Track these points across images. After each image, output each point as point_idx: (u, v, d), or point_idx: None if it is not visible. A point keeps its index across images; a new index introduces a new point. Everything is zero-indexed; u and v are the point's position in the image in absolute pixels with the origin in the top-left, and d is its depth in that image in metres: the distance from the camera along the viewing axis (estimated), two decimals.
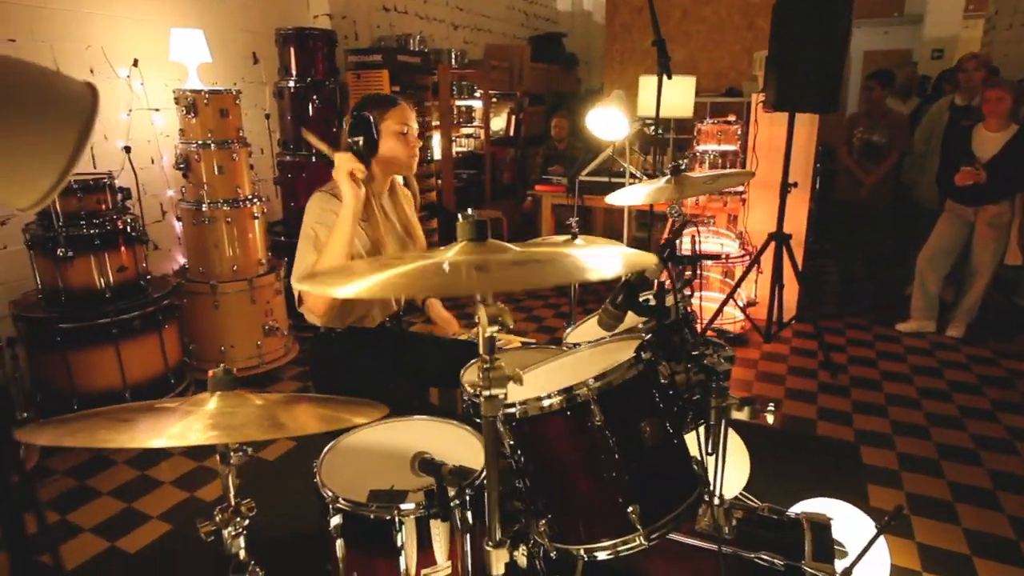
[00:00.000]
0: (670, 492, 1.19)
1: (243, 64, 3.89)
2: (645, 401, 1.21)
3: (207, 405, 1.04)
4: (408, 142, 1.84)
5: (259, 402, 1.10)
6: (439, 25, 5.87)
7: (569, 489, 1.18)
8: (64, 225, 2.61)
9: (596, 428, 1.14)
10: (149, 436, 0.89)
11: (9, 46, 2.76)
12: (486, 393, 0.94)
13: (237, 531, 1.08)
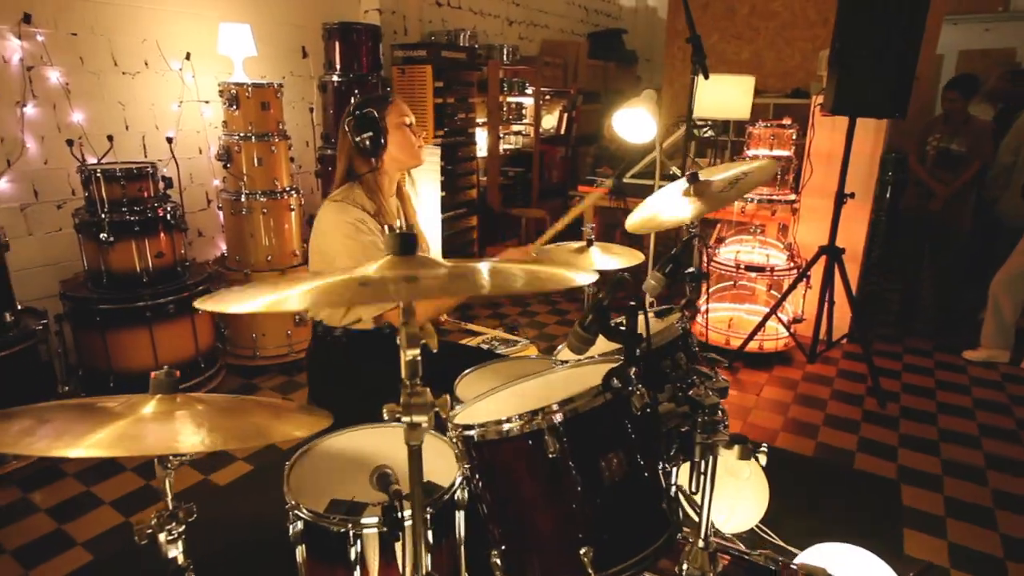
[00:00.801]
0: (632, 535, 1.10)
1: (292, 58, 3.97)
2: (613, 432, 1.13)
3: (144, 409, 1.02)
4: (413, 132, 1.82)
5: (198, 407, 1.08)
6: (493, 20, 5.82)
7: (524, 521, 1.11)
8: (108, 211, 2.74)
9: (556, 458, 1.06)
10: (61, 444, 0.88)
11: (71, 39, 2.90)
12: (406, 420, 0.89)
13: (173, 536, 1.07)
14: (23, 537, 2.18)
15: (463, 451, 1.14)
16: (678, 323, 1.45)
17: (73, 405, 1.02)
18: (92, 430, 0.95)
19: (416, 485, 0.93)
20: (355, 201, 1.78)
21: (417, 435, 0.90)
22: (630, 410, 1.14)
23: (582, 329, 1.12)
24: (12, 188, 2.81)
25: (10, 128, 2.77)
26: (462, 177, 4.69)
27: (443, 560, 1.38)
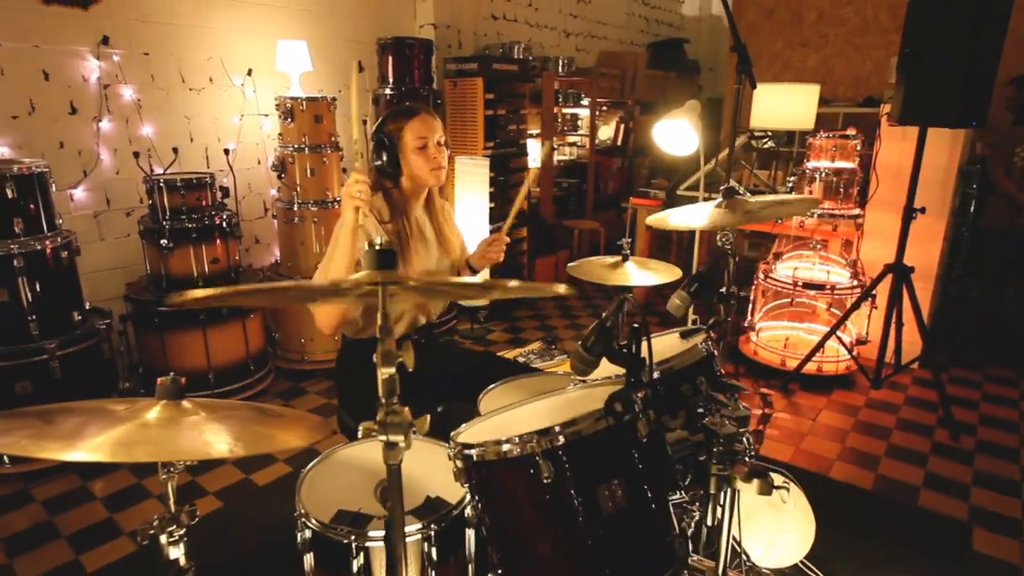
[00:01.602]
0: (632, 569, 1.03)
1: (348, 72, 4.08)
2: (616, 459, 1.07)
3: (148, 414, 1.05)
4: (428, 155, 1.79)
5: (201, 414, 1.10)
6: (549, 33, 5.83)
7: (521, 546, 1.07)
8: (169, 218, 2.89)
9: (553, 483, 1.02)
10: (64, 447, 0.91)
11: (143, 58, 3.10)
12: (382, 439, 0.87)
13: (173, 538, 1.09)
14: (77, 524, 2.31)
15: (461, 470, 1.10)
16: (702, 345, 1.37)
17: (79, 407, 1.05)
18: (94, 433, 0.98)
19: (396, 503, 0.91)
20: (374, 205, 1.80)
21: (395, 454, 0.88)
22: (635, 436, 1.08)
23: (584, 350, 1.07)
24: (87, 196, 3.01)
25: (87, 141, 2.98)
26: (513, 188, 4.68)
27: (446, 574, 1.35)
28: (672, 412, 1.16)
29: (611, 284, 2.03)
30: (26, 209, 2.45)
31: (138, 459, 0.97)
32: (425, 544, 1.29)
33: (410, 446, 0.88)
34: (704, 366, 1.34)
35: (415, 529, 1.28)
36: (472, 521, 1.28)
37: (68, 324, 2.61)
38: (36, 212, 2.49)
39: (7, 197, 2.39)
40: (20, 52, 2.72)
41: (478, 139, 4.24)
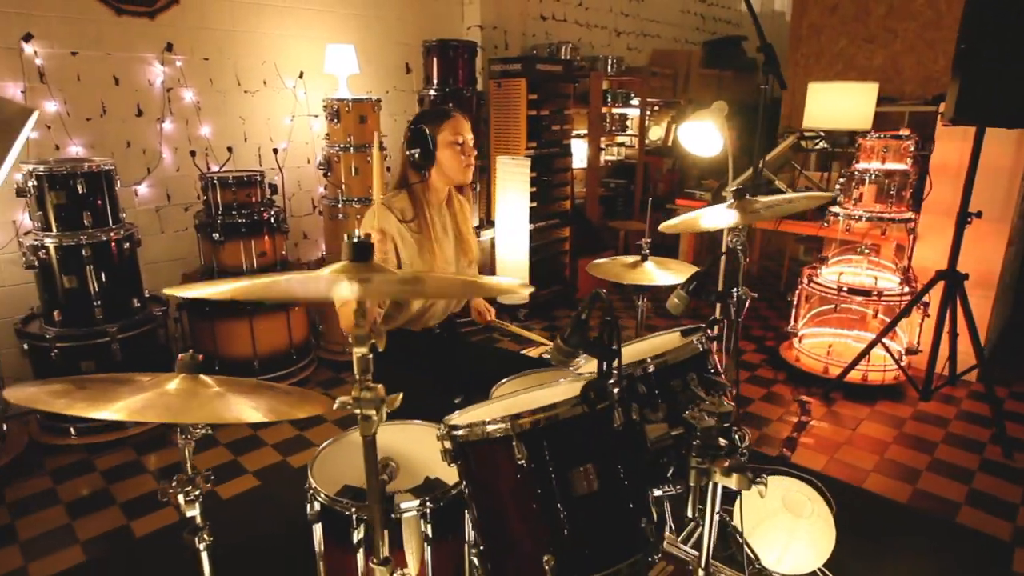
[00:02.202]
0: (599, 550, 1.06)
1: (396, 74, 4.23)
2: (590, 444, 1.09)
3: (168, 385, 1.15)
4: (463, 152, 1.87)
5: (216, 388, 1.19)
6: (600, 32, 5.82)
7: (499, 523, 1.12)
8: (221, 214, 3.08)
9: (528, 463, 1.06)
10: (89, 407, 1.02)
11: (203, 63, 3.32)
12: (357, 412, 0.93)
13: (191, 497, 1.20)
14: (129, 493, 2.51)
15: (448, 450, 1.16)
16: (697, 342, 1.37)
17: (111, 377, 1.17)
18: (121, 397, 1.10)
19: (371, 475, 0.97)
20: (396, 206, 1.88)
21: (368, 427, 0.94)
22: (610, 424, 1.10)
23: (563, 342, 1.10)
24: (150, 192, 3.25)
25: (151, 141, 3.21)
26: (556, 188, 4.71)
27: (446, 556, 1.41)
28: (654, 405, 1.17)
29: (627, 283, 2.04)
30: (94, 204, 2.68)
31: (151, 419, 1.07)
32: (422, 521, 1.36)
33: (383, 420, 0.95)
34: (697, 363, 1.35)
35: (412, 506, 1.35)
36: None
37: (128, 310, 2.83)
38: (103, 206, 2.72)
39: (78, 193, 2.62)
40: (94, 60, 2.97)
41: (520, 139, 4.29)
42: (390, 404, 0.95)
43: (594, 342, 1.07)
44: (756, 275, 5.61)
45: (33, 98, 2.82)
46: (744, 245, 1.70)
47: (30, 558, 2.15)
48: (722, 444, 1.17)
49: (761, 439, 2.89)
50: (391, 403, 0.95)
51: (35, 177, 2.56)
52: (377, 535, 1.00)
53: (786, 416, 3.11)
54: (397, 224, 1.89)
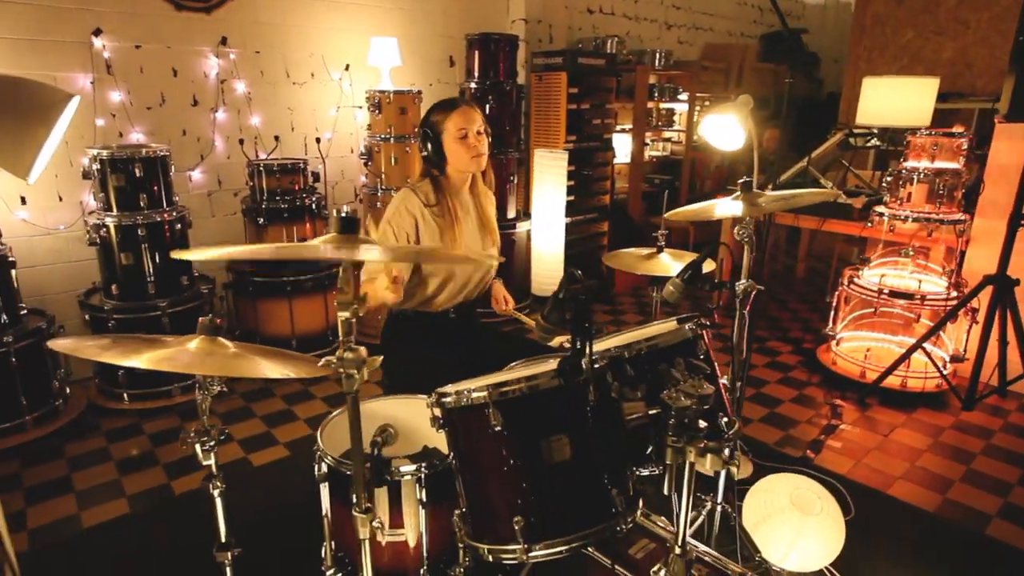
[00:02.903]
0: (569, 516, 1.10)
1: (440, 67, 4.33)
2: (566, 416, 1.14)
3: (190, 344, 1.27)
4: (468, 144, 1.92)
5: (232, 349, 1.30)
6: (649, 25, 5.75)
7: (478, 486, 1.18)
8: (265, 199, 3.25)
9: (503, 430, 1.11)
10: (119, 356, 1.14)
11: (255, 56, 3.50)
12: (341, 371, 1.00)
13: (206, 447, 1.31)
14: (173, 456, 2.71)
15: (436, 417, 1.22)
16: (689, 329, 1.39)
17: (141, 337, 1.30)
18: (148, 351, 1.22)
19: (355, 430, 1.05)
20: (421, 190, 1.96)
21: (350, 384, 1.01)
22: (585, 398, 1.14)
23: (543, 319, 1.14)
24: (203, 178, 3.46)
25: (205, 130, 3.42)
26: (595, 182, 4.72)
27: (440, 520, 1.48)
28: (633, 384, 1.20)
29: (641, 274, 2.05)
30: (150, 187, 2.88)
31: (169, 369, 1.18)
32: (417, 485, 1.43)
33: (364, 378, 1.02)
34: (687, 348, 1.36)
35: (409, 470, 1.43)
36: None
37: (178, 287, 3.04)
38: (158, 190, 2.92)
39: (136, 176, 2.82)
40: (156, 52, 3.18)
41: (560, 133, 4.32)
42: (371, 365, 1.01)
43: (567, 320, 1.11)
44: (802, 276, 5.44)
45: (101, 88, 3.06)
46: (751, 238, 1.69)
47: (83, 507, 2.36)
48: (701, 426, 1.19)
49: (785, 439, 2.84)
50: (371, 364, 1.01)
51: (98, 161, 2.78)
52: (358, 487, 1.07)
53: (815, 419, 3.03)
54: (420, 206, 1.96)
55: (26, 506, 2.36)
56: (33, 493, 2.43)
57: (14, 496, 2.41)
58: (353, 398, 1.03)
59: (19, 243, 2.91)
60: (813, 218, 3.88)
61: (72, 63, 2.97)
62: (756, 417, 3.04)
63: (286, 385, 3.29)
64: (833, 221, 3.81)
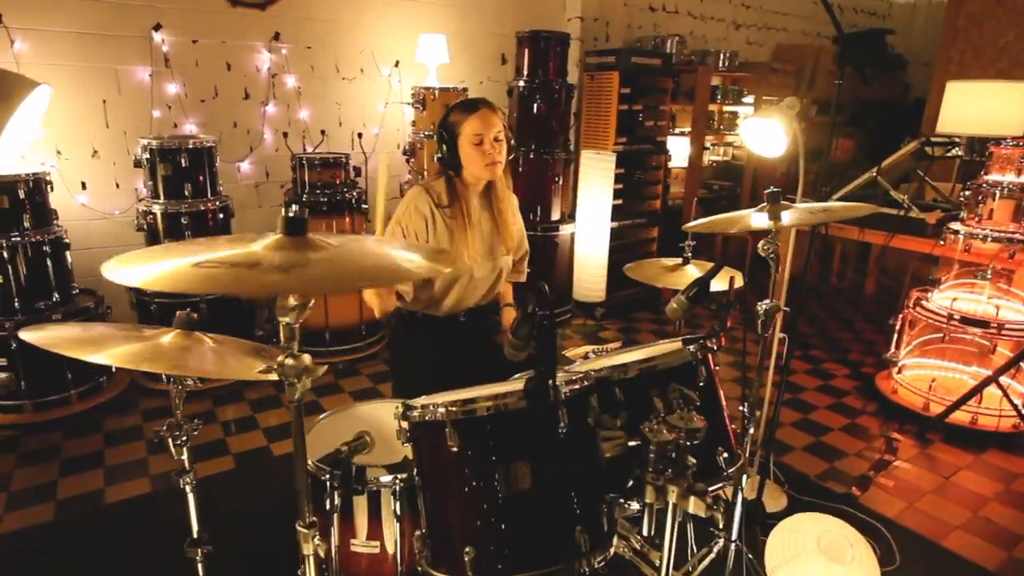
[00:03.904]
0: (524, 552, 1.01)
1: (491, 64, 4.28)
2: (530, 443, 1.04)
3: (163, 339, 1.26)
4: (482, 151, 1.83)
5: (210, 344, 1.28)
6: (715, 25, 5.50)
7: (436, 506, 1.10)
8: (307, 192, 3.30)
9: (460, 452, 1.03)
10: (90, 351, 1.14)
11: (306, 51, 3.56)
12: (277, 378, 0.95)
13: (178, 442, 1.30)
14: (199, 439, 2.75)
15: (402, 430, 1.16)
16: (691, 351, 1.26)
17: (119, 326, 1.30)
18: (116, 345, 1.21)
19: (298, 436, 0.99)
20: (434, 190, 1.90)
21: (291, 392, 0.96)
22: (556, 425, 1.04)
23: (512, 335, 1.06)
24: (251, 169, 3.56)
25: (255, 123, 3.51)
26: (646, 186, 4.54)
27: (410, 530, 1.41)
28: (613, 411, 1.09)
29: (662, 287, 1.91)
30: (195, 177, 2.97)
31: (128, 366, 1.17)
32: (392, 497, 1.38)
33: (307, 388, 0.96)
34: (685, 373, 1.24)
35: (386, 480, 1.38)
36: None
37: None
38: (203, 180, 3.01)
39: (181, 166, 2.92)
40: (211, 47, 3.29)
41: (610, 134, 4.18)
42: (312, 373, 0.96)
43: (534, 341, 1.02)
44: (870, 293, 5.06)
45: (158, 81, 3.18)
46: (776, 254, 1.53)
47: (109, 482, 2.45)
48: (689, 463, 1.07)
49: (829, 472, 2.61)
50: (313, 372, 0.96)
51: (148, 151, 2.89)
52: (302, 500, 1.02)
53: (866, 452, 2.78)
54: (431, 207, 1.90)
55: (59, 477, 2.47)
56: (67, 465, 2.55)
57: (50, 466, 2.53)
58: (296, 408, 0.98)
59: (77, 226, 3.07)
60: (880, 232, 3.57)
61: (133, 56, 3.10)
62: (799, 445, 2.82)
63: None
64: (903, 237, 3.49)
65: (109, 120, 3.11)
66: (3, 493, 2.39)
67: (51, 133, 3.00)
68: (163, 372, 1.15)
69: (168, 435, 1.31)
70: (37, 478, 2.48)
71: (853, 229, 3.64)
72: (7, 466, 2.55)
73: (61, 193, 3.01)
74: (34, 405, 2.77)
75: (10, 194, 2.60)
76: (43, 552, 2.08)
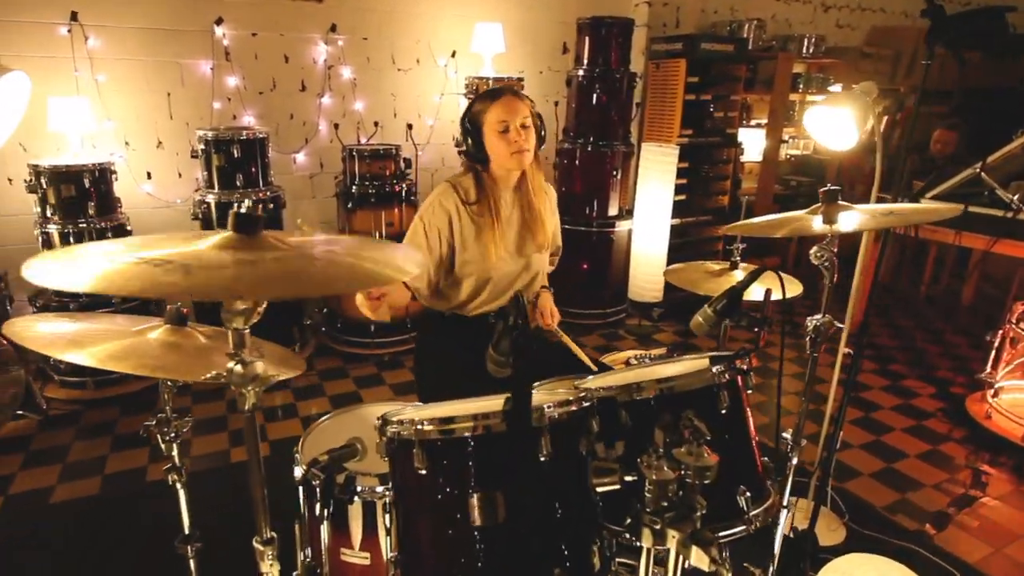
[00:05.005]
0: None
1: (552, 54, 4.14)
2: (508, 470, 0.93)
3: (152, 334, 1.23)
4: (508, 139, 1.72)
5: (202, 340, 1.25)
6: (801, 8, 5.09)
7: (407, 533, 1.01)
8: (357, 183, 3.30)
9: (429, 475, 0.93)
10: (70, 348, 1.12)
11: (362, 43, 3.56)
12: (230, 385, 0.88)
13: (168, 438, 1.28)
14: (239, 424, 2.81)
15: (381, 443, 1.07)
16: (715, 371, 1.10)
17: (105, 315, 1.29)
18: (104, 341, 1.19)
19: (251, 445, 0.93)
20: (462, 186, 1.81)
21: (242, 401, 0.89)
22: (536, 453, 0.92)
23: (494, 350, 0.94)
24: (306, 160, 3.60)
25: (311, 114, 3.54)
26: (713, 182, 4.27)
27: None
28: (610, 440, 0.96)
29: (703, 294, 1.73)
30: (247, 167, 3.03)
31: (120, 369, 1.14)
32: (381, 509, 1.31)
33: (257, 397, 0.90)
34: (706, 398, 1.08)
35: (379, 491, 1.31)
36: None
37: None
38: (255, 170, 3.06)
39: (234, 157, 2.98)
40: (270, 40, 3.34)
41: (674, 126, 3.95)
42: (263, 382, 0.89)
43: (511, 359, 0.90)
44: (968, 304, 4.55)
45: (219, 73, 3.27)
46: (831, 262, 1.33)
47: (152, 460, 2.54)
48: (698, 504, 0.92)
49: (900, 504, 2.33)
50: (264, 381, 0.89)
51: (203, 141, 2.96)
52: (259, 513, 0.96)
53: (948, 484, 2.47)
54: (457, 203, 1.81)
55: (109, 452, 2.59)
56: (118, 441, 2.66)
57: (103, 442, 2.66)
58: (249, 418, 0.91)
59: (141, 214, 3.21)
60: (981, 236, 3.17)
61: (196, 50, 3.20)
62: (867, 470, 2.54)
63: (361, 366, 3.35)
64: (1009, 242, 3.08)
65: (173, 112, 3.22)
66: (60, 464, 2.53)
67: (120, 125, 3.14)
68: (128, 372, 1.11)
69: (156, 431, 1.29)
70: (90, 452, 2.61)
71: (948, 232, 3.25)
72: (67, 439, 2.70)
73: (128, 182, 3.15)
74: (95, 383, 2.92)
75: (77, 183, 2.74)
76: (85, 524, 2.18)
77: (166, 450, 1.31)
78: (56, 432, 2.75)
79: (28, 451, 2.62)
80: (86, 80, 3.00)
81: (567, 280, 4.07)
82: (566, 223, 3.87)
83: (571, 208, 3.87)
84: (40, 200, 2.76)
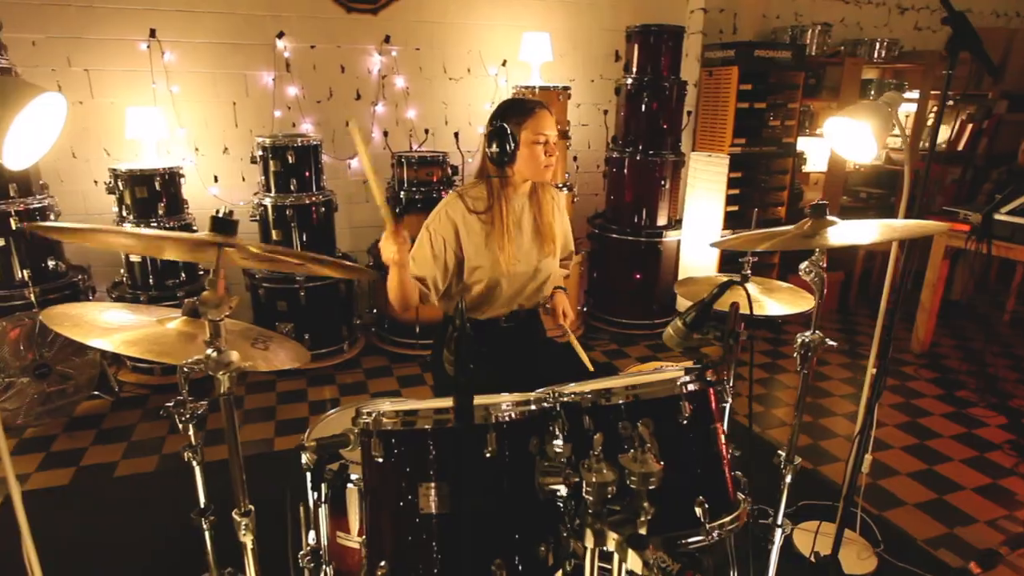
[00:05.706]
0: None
1: (604, 62, 4.14)
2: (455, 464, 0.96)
3: (169, 324, 1.35)
4: (545, 152, 1.76)
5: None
6: (874, 10, 4.84)
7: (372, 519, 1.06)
8: (404, 189, 3.43)
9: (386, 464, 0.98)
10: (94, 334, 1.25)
11: (415, 53, 3.70)
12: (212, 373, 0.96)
13: (184, 419, 1.39)
14: (286, 415, 3.01)
15: (356, 436, 1.13)
16: (680, 382, 1.09)
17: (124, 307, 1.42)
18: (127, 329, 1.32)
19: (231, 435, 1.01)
20: (469, 194, 1.85)
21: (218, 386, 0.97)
22: (481, 449, 0.95)
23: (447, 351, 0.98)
24: (360, 166, 3.77)
25: (365, 121, 3.71)
26: (769, 193, 4.13)
27: None
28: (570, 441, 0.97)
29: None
30: (301, 172, 3.21)
31: (139, 355, 1.27)
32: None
33: (231, 382, 0.97)
34: (668, 407, 1.07)
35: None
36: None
37: None
38: (309, 175, 3.25)
39: (289, 162, 3.17)
40: (327, 51, 3.53)
41: (726, 135, 3.85)
42: (233, 369, 0.97)
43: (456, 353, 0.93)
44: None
45: (280, 84, 3.49)
46: (821, 278, 1.28)
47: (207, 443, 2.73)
48: (641, 509, 0.93)
49: (946, 539, 2.18)
50: (235, 368, 0.97)
51: (261, 148, 3.17)
52: (237, 488, 1.04)
53: (1005, 521, 2.28)
54: (464, 213, 1.85)
55: (167, 434, 2.81)
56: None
57: (164, 423, 2.88)
58: (227, 401, 0.99)
59: (207, 215, 3.45)
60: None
61: (259, 62, 3.43)
62: (912, 500, 2.39)
63: (405, 366, 3.46)
64: None
65: (238, 120, 3.47)
66: (125, 443, 2.77)
67: (190, 132, 3.41)
68: (136, 355, 1.22)
69: (175, 412, 1.41)
70: (152, 432, 2.84)
71: (1001, 245, 3.02)
72: (134, 419, 2.95)
73: (196, 185, 3.41)
74: (162, 368, 3.17)
75: (148, 185, 3.00)
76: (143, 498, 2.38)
77: (183, 430, 1.43)
78: (125, 412, 3.01)
79: (99, 429, 2.88)
80: (162, 91, 3.28)
81: (615, 289, 4.06)
82: (614, 232, 3.90)
83: (619, 217, 3.85)
84: (118, 200, 3.04)
